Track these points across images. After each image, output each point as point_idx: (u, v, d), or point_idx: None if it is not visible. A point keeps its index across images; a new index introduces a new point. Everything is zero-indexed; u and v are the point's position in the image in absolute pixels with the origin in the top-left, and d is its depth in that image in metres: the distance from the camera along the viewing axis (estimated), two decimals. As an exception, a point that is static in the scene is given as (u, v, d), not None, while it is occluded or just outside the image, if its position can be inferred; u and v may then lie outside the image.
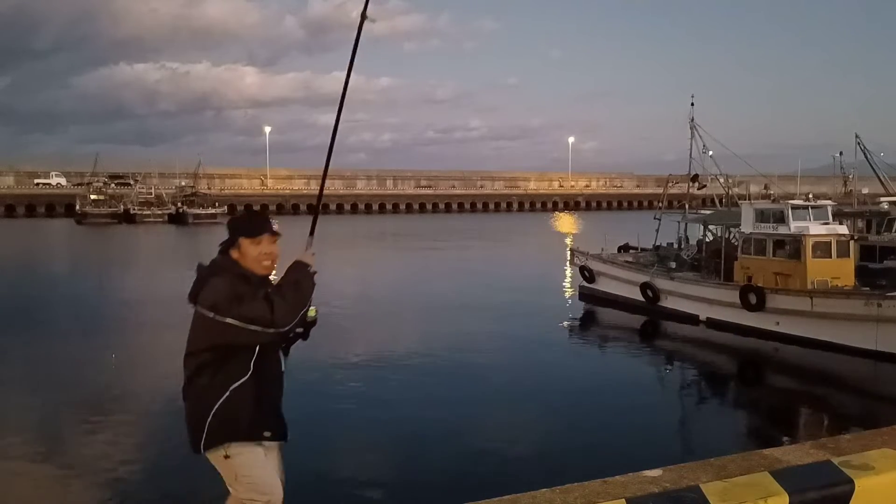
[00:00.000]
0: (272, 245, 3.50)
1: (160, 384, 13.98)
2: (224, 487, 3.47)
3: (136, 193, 75.75)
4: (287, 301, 3.29)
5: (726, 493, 2.60)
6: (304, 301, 3.34)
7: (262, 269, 3.48)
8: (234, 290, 3.28)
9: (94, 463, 10.04)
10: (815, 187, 53.24)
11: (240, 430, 3.35)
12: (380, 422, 11.48)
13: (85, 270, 34.94)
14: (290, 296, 3.32)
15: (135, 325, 20.74)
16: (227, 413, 3.32)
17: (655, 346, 20.26)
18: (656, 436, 11.35)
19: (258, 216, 3.68)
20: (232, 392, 3.32)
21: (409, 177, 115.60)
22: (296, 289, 3.35)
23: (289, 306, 3.28)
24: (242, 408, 3.33)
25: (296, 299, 3.32)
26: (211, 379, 3.36)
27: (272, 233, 3.51)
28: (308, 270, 3.44)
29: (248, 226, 3.52)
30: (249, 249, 3.44)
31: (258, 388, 3.37)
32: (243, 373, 3.34)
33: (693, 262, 23.42)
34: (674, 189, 29.48)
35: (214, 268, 3.44)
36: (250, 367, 3.34)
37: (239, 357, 3.33)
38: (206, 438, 3.34)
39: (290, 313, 3.28)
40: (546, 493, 2.89)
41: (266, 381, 3.41)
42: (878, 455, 2.98)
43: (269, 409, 3.45)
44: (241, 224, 3.56)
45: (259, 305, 3.23)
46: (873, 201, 32.50)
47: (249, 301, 3.24)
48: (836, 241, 18.76)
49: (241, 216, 3.70)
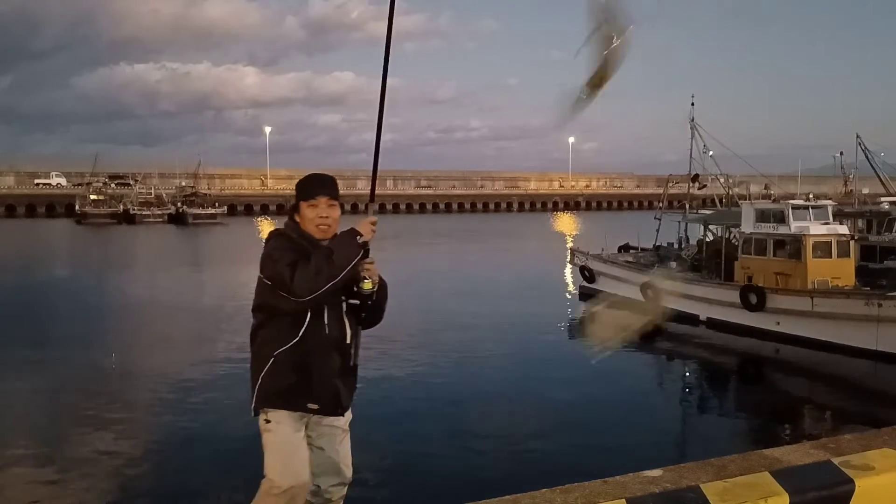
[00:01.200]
0: (329, 209, 3.36)
1: (161, 384, 14.01)
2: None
3: (135, 193, 75.72)
4: (310, 270, 3.10)
5: (726, 493, 2.60)
6: (331, 272, 3.11)
7: (319, 232, 3.33)
8: (276, 250, 3.22)
9: (94, 463, 10.04)
10: (816, 187, 53.20)
11: (280, 396, 3.25)
12: (379, 421, 11.47)
13: (84, 271, 34.92)
14: (315, 264, 3.12)
15: (134, 326, 20.74)
16: (271, 378, 3.25)
17: (656, 346, 20.24)
18: (656, 436, 11.35)
19: (318, 178, 3.51)
20: (277, 357, 3.24)
21: (410, 177, 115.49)
22: (326, 258, 3.14)
23: (310, 275, 3.09)
24: (285, 374, 3.23)
25: (321, 269, 3.11)
26: (260, 343, 3.33)
27: (329, 196, 3.38)
28: (353, 240, 3.22)
29: (306, 188, 3.41)
30: (307, 212, 3.35)
31: (306, 354, 3.24)
32: (290, 338, 3.23)
33: (693, 262, 23.42)
34: (674, 189, 29.50)
35: (276, 230, 3.41)
36: (299, 332, 3.22)
37: (287, 321, 3.23)
38: (255, 404, 3.30)
39: (309, 282, 3.09)
40: (546, 493, 2.89)
41: (318, 349, 3.27)
42: (878, 455, 2.97)
43: (320, 378, 3.28)
44: (300, 187, 3.46)
45: (281, 269, 3.12)
46: (874, 201, 32.48)
47: (280, 263, 3.14)
48: (837, 241, 18.76)
49: (303, 178, 3.54)
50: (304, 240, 3.30)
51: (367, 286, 3.29)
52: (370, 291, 3.32)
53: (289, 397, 3.26)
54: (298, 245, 3.26)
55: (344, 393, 3.39)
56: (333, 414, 3.39)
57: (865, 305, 16.53)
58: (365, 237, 3.23)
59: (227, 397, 12.93)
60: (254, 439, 3.35)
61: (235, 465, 9.72)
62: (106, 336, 19.01)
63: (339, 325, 3.34)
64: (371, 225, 3.28)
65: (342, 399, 3.39)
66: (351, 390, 3.46)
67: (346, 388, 3.41)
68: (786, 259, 19.08)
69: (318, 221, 3.34)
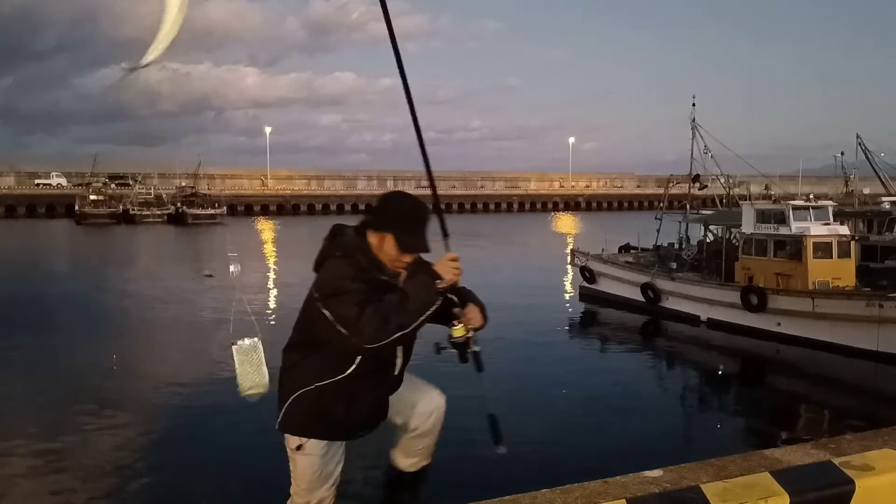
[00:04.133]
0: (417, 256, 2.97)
1: (161, 384, 14.01)
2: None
3: (135, 194, 75.71)
4: (380, 316, 2.71)
5: (727, 493, 2.60)
6: (401, 322, 2.72)
7: (393, 268, 2.96)
8: (343, 280, 2.79)
9: (95, 463, 10.04)
10: (816, 187, 53.22)
11: (315, 428, 3.07)
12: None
13: (82, 271, 34.92)
14: (386, 309, 2.73)
15: (134, 326, 20.73)
16: (308, 406, 3.01)
17: (656, 346, 20.25)
18: (657, 436, 11.34)
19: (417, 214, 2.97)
20: (319, 387, 2.97)
21: (410, 177, 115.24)
22: (400, 304, 2.74)
23: (379, 323, 2.70)
24: (325, 407, 2.99)
25: (390, 318, 2.71)
26: (302, 360, 3.04)
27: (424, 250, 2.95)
28: (431, 285, 2.80)
29: (405, 223, 2.93)
30: (389, 248, 2.91)
31: (353, 388, 2.98)
32: (337, 373, 2.94)
33: (694, 263, 23.42)
34: (674, 189, 29.50)
35: (344, 246, 2.94)
36: (348, 369, 2.93)
37: (337, 353, 2.89)
38: (283, 420, 3.12)
39: (377, 331, 2.70)
40: (546, 493, 2.89)
41: (367, 383, 3.01)
42: (878, 455, 2.97)
43: (363, 409, 3.07)
44: (395, 211, 2.97)
45: (349, 310, 2.71)
46: (874, 201, 32.48)
47: (347, 303, 2.73)
48: (838, 241, 18.75)
49: (402, 202, 3.02)
50: (374, 267, 2.92)
51: (456, 333, 2.92)
52: (462, 339, 2.94)
53: (326, 429, 3.08)
54: (367, 277, 2.85)
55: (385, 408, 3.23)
56: (376, 427, 3.25)
57: (866, 306, 16.52)
58: (445, 282, 2.82)
59: (227, 397, 12.94)
60: (254, 439, 3.34)
61: (235, 465, 9.73)
62: (106, 336, 18.99)
63: (392, 359, 3.07)
64: (452, 264, 2.85)
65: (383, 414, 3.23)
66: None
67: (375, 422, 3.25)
68: (786, 259, 19.08)
69: (395, 263, 2.94)
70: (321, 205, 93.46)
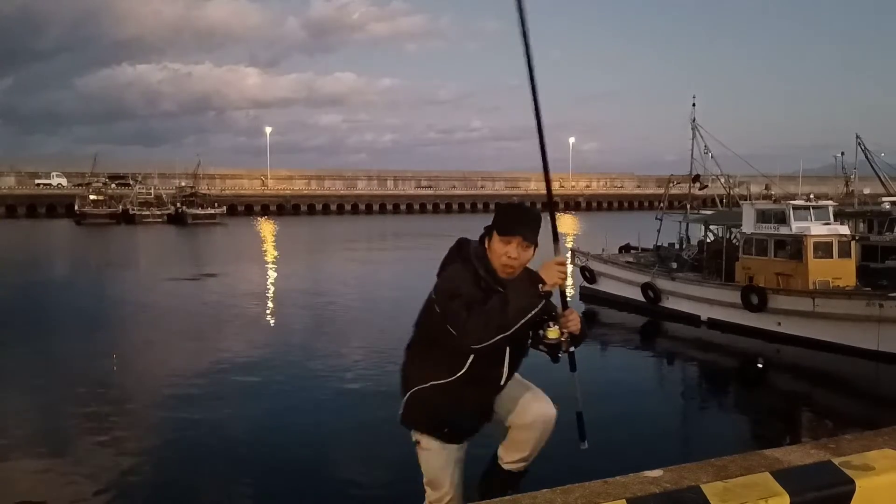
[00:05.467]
0: (521, 251, 3.05)
1: (162, 384, 14.00)
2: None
3: (135, 194, 75.79)
4: (483, 318, 2.84)
5: (727, 493, 2.60)
6: (501, 323, 2.82)
7: (502, 270, 3.05)
8: (458, 283, 2.99)
9: (95, 464, 10.03)
10: (817, 188, 53.25)
11: (428, 425, 3.25)
12: (380, 421, 11.46)
13: (81, 271, 34.93)
14: (489, 312, 2.85)
15: (133, 326, 20.73)
16: (423, 403, 3.20)
17: (657, 346, 20.25)
18: (657, 436, 11.34)
19: (521, 213, 3.18)
20: (433, 386, 3.15)
21: (410, 177, 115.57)
22: (501, 307, 2.84)
23: (480, 324, 2.84)
24: (436, 406, 3.17)
25: (492, 319, 2.83)
26: (421, 358, 3.25)
27: (525, 237, 3.06)
28: (534, 288, 2.89)
29: (505, 220, 3.12)
30: (497, 245, 3.06)
31: (462, 392, 3.12)
32: (449, 374, 3.11)
33: (694, 263, 23.42)
34: (675, 189, 29.50)
35: (465, 251, 3.15)
36: (459, 371, 3.09)
37: (450, 354, 3.05)
38: (403, 414, 3.32)
39: (479, 332, 2.84)
40: (546, 493, 2.88)
41: (476, 385, 3.14)
42: (878, 455, 2.97)
43: (468, 415, 3.25)
44: (501, 214, 3.18)
45: (458, 308, 2.89)
46: (874, 202, 32.50)
47: (457, 301, 2.91)
48: (838, 241, 18.75)
49: (507, 206, 3.24)
50: (489, 275, 3.05)
51: (551, 335, 3.01)
52: (555, 342, 3.04)
53: (437, 427, 3.25)
54: (483, 284, 3.02)
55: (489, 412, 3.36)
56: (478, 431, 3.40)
57: (866, 306, 16.52)
58: (548, 286, 2.90)
59: (228, 397, 12.94)
60: (254, 439, 3.34)
61: (236, 465, 9.73)
62: (106, 336, 19.00)
63: (500, 365, 3.17)
64: (558, 268, 2.94)
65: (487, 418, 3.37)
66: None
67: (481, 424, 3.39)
68: (787, 259, 19.07)
69: (504, 261, 3.04)
70: (321, 205, 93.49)
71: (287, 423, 11.43)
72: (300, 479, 9.30)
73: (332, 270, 35.50)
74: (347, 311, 22.78)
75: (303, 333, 18.91)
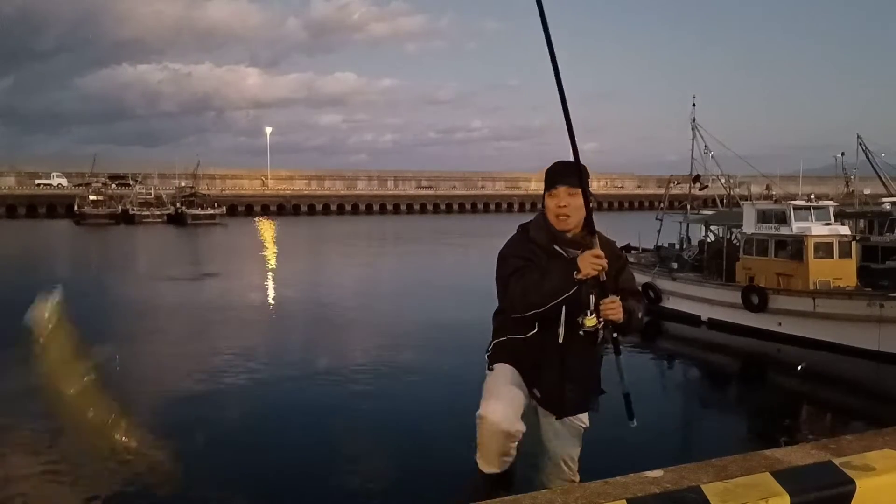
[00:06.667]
0: (569, 197, 3.18)
1: (162, 384, 13.99)
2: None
3: (135, 194, 75.77)
4: (520, 289, 3.05)
5: (727, 493, 2.59)
6: (533, 301, 3.01)
7: (559, 223, 3.23)
8: (508, 252, 3.26)
9: (95, 464, 10.02)
10: (817, 188, 53.15)
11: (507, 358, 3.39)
12: (380, 421, 11.47)
13: (81, 271, 34.94)
14: (524, 285, 3.05)
15: (133, 326, 20.73)
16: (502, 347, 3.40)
17: (657, 346, 20.23)
18: (657, 436, 11.32)
19: (558, 166, 3.29)
20: (510, 339, 3.34)
21: (410, 177, 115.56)
22: (537, 284, 3.02)
23: (517, 294, 3.06)
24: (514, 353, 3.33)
25: (528, 293, 3.03)
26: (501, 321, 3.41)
27: (568, 184, 3.18)
28: (568, 273, 3.00)
29: (547, 178, 3.29)
30: (548, 202, 3.27)
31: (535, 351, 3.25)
32: (521, 333, 3.26)
33: (694, 263, 23.40)
34: (675, 190, 29.50)
35: (523, 225, 3.43)
36: (529, 332, 3.23)
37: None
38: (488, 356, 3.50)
39: (516, 301, 3.07)
40: (546, 493, 2.88)
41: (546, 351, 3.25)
42: (879, 456, 2.97)
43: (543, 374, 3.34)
44: (545, 176, 3.32)
45: (503, 274, 3.17)
46: (875, 202, 32.47)
47: (504, 268, 3.19)
48: (839, 241, 18.75)
49: (548, 168, 3.35)
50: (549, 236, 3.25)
51: (589, 323, 3.12)
52: (592, 329, 3.14)
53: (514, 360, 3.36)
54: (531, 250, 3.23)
55: (570, 399, 3.41)
56: (554, 413, 3.47)
57: (867, 306, 16.52)
58: (582, 274, 3.00)
59: (229, 397, 12.95)
60: (255, 438, 3.34)
61: (236, 465, 9.73)
62: (105, 336, 18.98)
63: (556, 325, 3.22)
64: (593, 259, 3.02)
65: (565, 404, 3.42)
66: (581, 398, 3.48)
67: (575, 394, 3.42)
68: (787, 260, 19.07)
69: (556, 211, 3.23)
70: (321, 205, 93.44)
71: (287, 423, 11.43)
72: (300, 479, 9.29)
73: (333, 270, 35.50)
74: (347, 311, 22.78)
75: (303, 333, 18.92)
